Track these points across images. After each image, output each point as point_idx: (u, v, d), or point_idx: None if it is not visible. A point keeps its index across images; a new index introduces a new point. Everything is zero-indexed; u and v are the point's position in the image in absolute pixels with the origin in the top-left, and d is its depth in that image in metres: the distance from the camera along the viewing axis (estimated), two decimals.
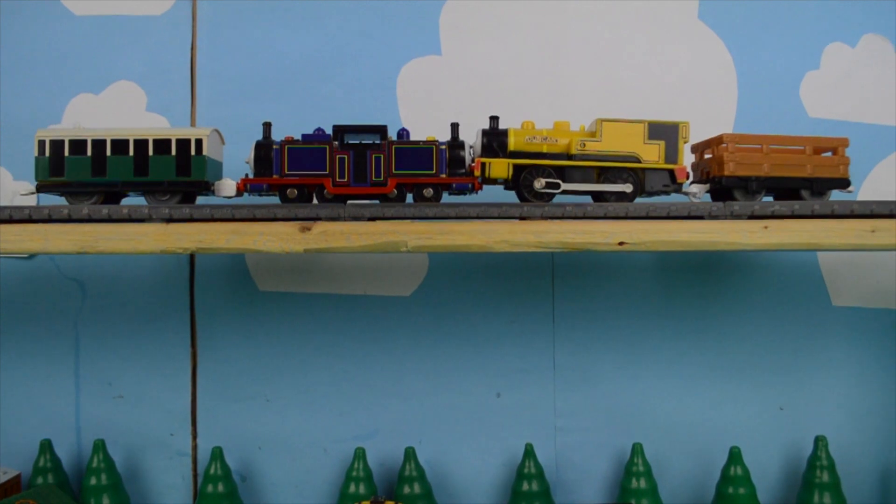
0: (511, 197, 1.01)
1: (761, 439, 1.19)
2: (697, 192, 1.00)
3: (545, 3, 1.18)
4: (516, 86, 1.18)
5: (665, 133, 0.96)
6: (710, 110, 1.18)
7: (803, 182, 0.99)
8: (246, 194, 0.96)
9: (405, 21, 1.17)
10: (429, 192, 0.96)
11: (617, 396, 1.18)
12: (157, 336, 1.17)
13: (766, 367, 1.19)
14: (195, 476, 1.18)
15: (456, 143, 0.96)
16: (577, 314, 1.18)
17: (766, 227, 0.94)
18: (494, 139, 0.96)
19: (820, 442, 1.13)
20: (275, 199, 0.96)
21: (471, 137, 0.98)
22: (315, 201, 0.97)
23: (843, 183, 1.00)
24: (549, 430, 1.18)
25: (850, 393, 1.20)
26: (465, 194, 0.98)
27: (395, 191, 0.96)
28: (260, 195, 0.96)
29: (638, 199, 0.98)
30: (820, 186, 0.99)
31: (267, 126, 0.96)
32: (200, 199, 1.01)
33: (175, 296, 1.18)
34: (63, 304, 1.18)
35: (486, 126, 0.97)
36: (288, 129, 0.98)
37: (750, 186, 0.98)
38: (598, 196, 0.98)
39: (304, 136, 0.95)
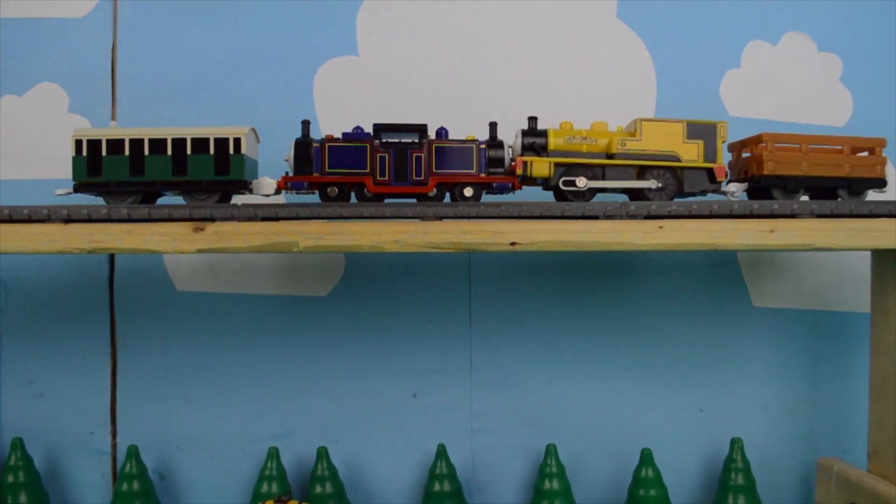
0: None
1: (680, 441, 1.19)
2: (735, 191, 1.00)
3: (463, 4, 1.18)
4: (433, 86, 1.18)
5: (703, 132, 0.97)
6: (629, 109, 1.16)
7: (841, 182, 0.99)
8: (285, 192, 0.96)
9: (322, 22, 1.18)
10: (469, 191, 0.96)
11: (533, 397, 1.18)
12: (78, 335, 1.18)
13: (686, 369, 1.19)
14: (114, 474, 1.19)
15: (495, 143, 0.96)
16: (495, 315, 1.18)
17: (661, 228, 0.94)
18: (534, 139, 0.97)
19: (736, 444, 1.12)
20: (315, 198, 0.96)
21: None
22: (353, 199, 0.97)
23: (880, 183, 1.00)
24: (466, 431, 1.18)
25: (769, 394, 1.19)
26: (504, 193, 0.98)
27: (435, 190, 0.96)
28: (298, 193, 0.96)
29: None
30: (857, 186, 0.99)
31: (306, 124, 0.96)
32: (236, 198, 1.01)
33: (95, 296, 1.18)
34: None
35: (525, 126, 0.97)
36: None
37: (788, 186, 0.98)
38: (636, 194, 0.98)
39: (344, 134, 0.95)
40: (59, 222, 0.94)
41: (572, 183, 0.96)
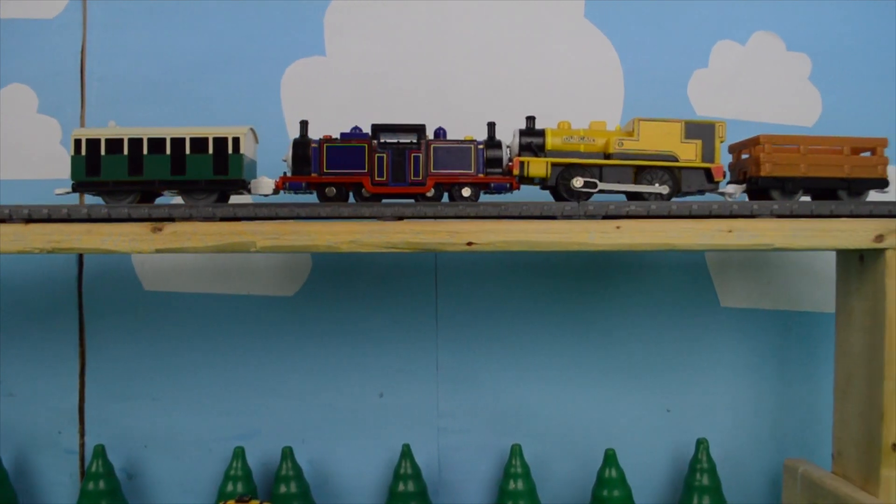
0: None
1: (647, 441, 1.18)
2: (734, 192, 1.00)
3: (430, 4, 1.18)
4: (401, 86, 1.18)
5: (702, 132, 0.97)
6: (596, 109, 1.16)
7: (840, 182, 0.98)
8: (283, 192, 0.96)
9: (289, 22, 1.18)
10: (467, 191, 0.96)
11: (500, 397, 1.18)
12: (47, 335, 1.19)
13: (653, 369, 1.18)
14: (83, 474, 1.19)
15: (493, 143, 0.96)
16: (461, 315, 1.18)
17: (618, 228, 0.94)
18: (531, 139, 0.97)
19: (701, 445, 1.12)
20: (313, 198, 0.96)
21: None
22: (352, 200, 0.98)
23: (882, 183, 0.99)
24: (432, 431, 1.18)
25: (737, 395, 1.19)
26: (502, 193, 0.98)
27: (433, 190, 0.96)
28: (296, 193, 0.96)
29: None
30: (857, 187, 0.99)
31: (304, 124, 0.96)
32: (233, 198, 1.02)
33: (64, 295, 1.19)
34: None
35: (522, 126, 0.97)
36: None
37: (786, 187, 0.98)
38: (634, 195, 0.98)
39: (342, 134, 0.95)
40: (19, 222, 0.94)
41: (569, 183, 0.96)
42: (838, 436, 1.05)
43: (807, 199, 1.01)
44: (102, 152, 0.93)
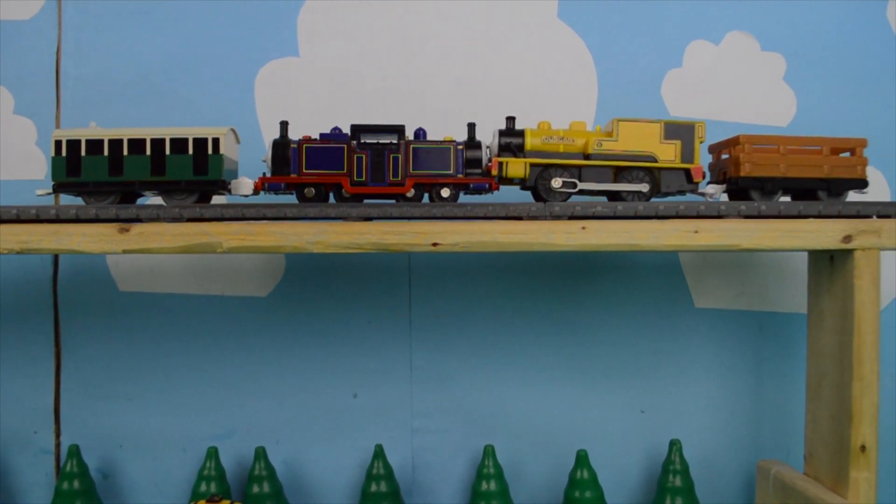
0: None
1: (622, 442, 1.18)
2: (714, 192, 1.00)
3: (404, 4, 1.18)
4: (375, 87, 1.18)
5: (681, 133, 0.97)
6: (570, 109, 1.17)
7: (820, 183, 0.98)
8: (263, 193, 0.96)
9: (263, 23, 1.18)
10: (446, 192, 0.96)
11: (474, 398, 1.18)
12: (22, 335, 1.19)
13: (628, 370, 1.18)
14: (58, 474, 1.20)
15: (473, 143, 0.97)
16: (435, 315, 1.18)
17: (583, 228, 0.93)
18: (511, 139, 0.97)
19: (674, 446, 1.12)
20: (292, 199, 0.96)
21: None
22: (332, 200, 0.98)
23: (861, 183, 0.99)
24: (406, 432, 1.18)
25: (712, 396, 1.18)
26: (482, 194, 0.98)
27: (413, 190, 0.96)
28: (276, 194, 0.96)
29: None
30: (837, 187, 0.99)
31: (284, 125, 0.96)
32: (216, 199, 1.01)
33: (39, 296, 1.19)
34: None
35: (502, 126, 0.97)
36: None
37: (766, 187, 0.98)
38: (614, 195, 0.98)
39: (321, 134, 0.95)
40: None
41: (547, 184, 0.96)
42: (810, 437, 1.05)
43: (786, 199, 1.01)
44: (83, 153, 0.93)
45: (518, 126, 0.98)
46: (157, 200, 0.97)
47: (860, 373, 0.95)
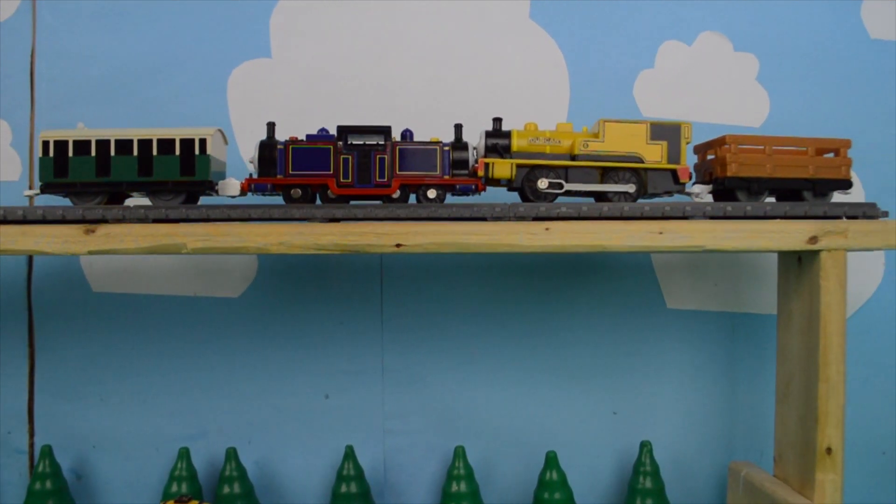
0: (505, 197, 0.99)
1: (594, 444, 1.18)
2: (700, 192, 1.00)
3: (376, 4, 1.18)
4: (347, 87, 1.18)
5: (667, 134, 0.97)
6: (542, 110, 1.17)
7: (805, 183, 0.99)
8: (250, 194, 0.96)
9: (236, 24, 1.18)
10: (432, 193, 0.96)
11: (446, 399, 1.18)
12: None
13: (600, 371, 1.18)
14: (31, 474, 1.20)
15: (460, 145, 0.97)
16: (407, 316, 1.18)
17: (547, 230, 0.93)
18: (497, 140, 0.97)
19: (644, 447, 1.12)
20: (279, 200, 0.96)
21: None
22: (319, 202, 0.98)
23: (846, 184, 1.00)
24: (378, 433, 1.18)
25: (684, 397, 1.18)
26: (468, 195, 0.99)
27: (399, 192, 0.96)
28: (263, 195, 0.96)
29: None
30: (822, 188, 0.99)
31: (271, 126, 0.96)
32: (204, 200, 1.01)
33: (13, 296, 1.19)
34: None
35: (489, 128, 0.97)
36: None
37: (752, 187, 0.98)
38: (601, 196, 0.98)
39: (308, 136, 0.96)
40: None
41: (534, 185, 0.96)
42: (779, 439, 1.05)
43: (772, 199, 1.01)
44: (70, 154, 0.93)
45: (505, 127, 0.98)
46: (145, 201, 0.98)
47: (826, 374, 0.95)
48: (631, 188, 0.97)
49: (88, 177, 0.93)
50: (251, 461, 1.17)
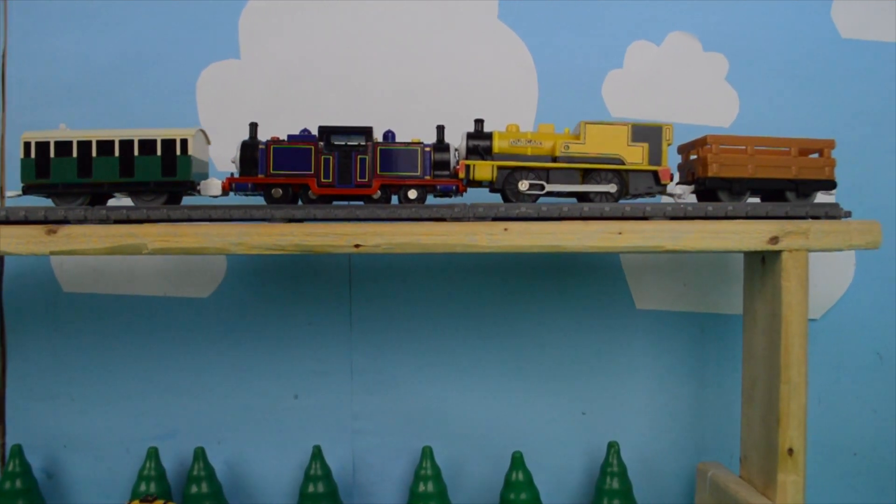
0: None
1: (562, 444, 1.18)
2: (682, 193, 1.00)
3: (344, 5, 1.18)
4: (316, 88, 1.18)
5: (648, 135, 0.97)
6: (510, 110, 1.17)
7: (788, 183, 0.98)
8: (232, 194, 0.97)
9: (204, 25, 1.18)
10: (413, 193, 0.96)
11: (414, 400, 1.18)
12: None
13: (569, 372, 1.18)
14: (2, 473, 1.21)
15: (441, 146, 0.97)
16: (375, 317, 1.18)
17: (505, 230, 0.93)
18: (478, 142, 0.97)
19: (612, 448, 1.11)
20: (260, 200, 0.96)
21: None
22: (300, 202, 0.98)
23: (829, 184, 0.99)
24: (346, 433, 1.18)
25: (652, 397, 1.18)
26: (449, 196, 0.99)
27: (380, 192, 0.96)
28: (245, 195, 0.97)
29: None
30: (805, 188, 0.99)
31: (253, 126, 0.96)
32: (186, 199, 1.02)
33: None
34: None
35: (468, 130, 0.97)
36: None
37: (734, 188, 0.98)
38: (582, 197, 0.98)
39: (289, 136, 0.96)
40: None
41: (515, 186, 0.96)
42: (745, 440, 1.05)
43: (755, 200, 1.01)
44: (52, 155, 0.94)
45: (487, 128, 0.98)
46: (127, 201, 0.99)
47: (787, 375, 0.95)
48: (612, 188, 0.97)
49: (70, 178, 0.94)
50: (220, 461, 1.17)
